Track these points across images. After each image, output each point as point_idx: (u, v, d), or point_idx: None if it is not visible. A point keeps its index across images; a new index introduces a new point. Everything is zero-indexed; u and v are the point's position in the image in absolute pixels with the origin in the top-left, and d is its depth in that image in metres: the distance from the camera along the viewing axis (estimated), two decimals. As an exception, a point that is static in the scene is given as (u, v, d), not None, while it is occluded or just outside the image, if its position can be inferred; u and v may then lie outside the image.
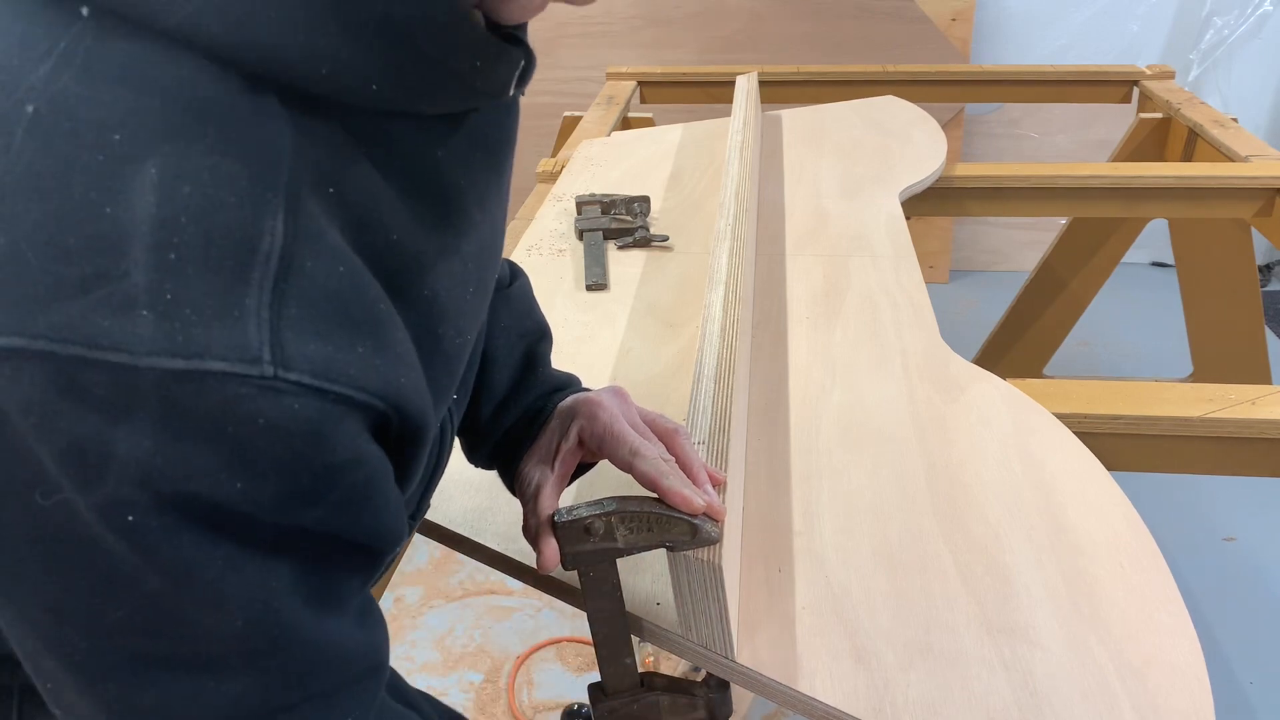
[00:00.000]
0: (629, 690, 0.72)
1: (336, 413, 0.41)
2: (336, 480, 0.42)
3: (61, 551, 0.39)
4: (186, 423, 0.37)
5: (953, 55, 3.03)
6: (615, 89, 2.22)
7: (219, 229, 0.37)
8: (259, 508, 0.40)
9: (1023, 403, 1.02)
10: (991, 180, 1.76)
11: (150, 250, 0.36)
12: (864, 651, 0.73)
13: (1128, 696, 0.70)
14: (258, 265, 0.38)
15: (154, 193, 0.37)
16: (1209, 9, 3.15)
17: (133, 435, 0.37)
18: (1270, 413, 1.02)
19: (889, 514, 0.87)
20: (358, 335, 0.42)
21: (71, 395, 0.36)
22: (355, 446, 0.43)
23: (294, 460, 0.40)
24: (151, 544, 0.39)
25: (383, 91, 0.42)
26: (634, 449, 0.67)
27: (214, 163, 0.38)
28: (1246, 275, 2.12)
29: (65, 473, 0.37)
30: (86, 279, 0.36)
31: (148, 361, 0.36)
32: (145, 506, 0.38)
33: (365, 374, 0.42)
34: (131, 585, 0.40)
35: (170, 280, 0.36)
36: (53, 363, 0.36)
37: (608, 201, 1.49)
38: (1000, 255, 3.49)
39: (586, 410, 0.70)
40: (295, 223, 0.40)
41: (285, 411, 0.39)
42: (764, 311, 1.22)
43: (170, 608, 0.41)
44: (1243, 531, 2.23)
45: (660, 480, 0.66)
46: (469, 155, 0.50)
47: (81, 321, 0.36)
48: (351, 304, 0.42)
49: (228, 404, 0.37)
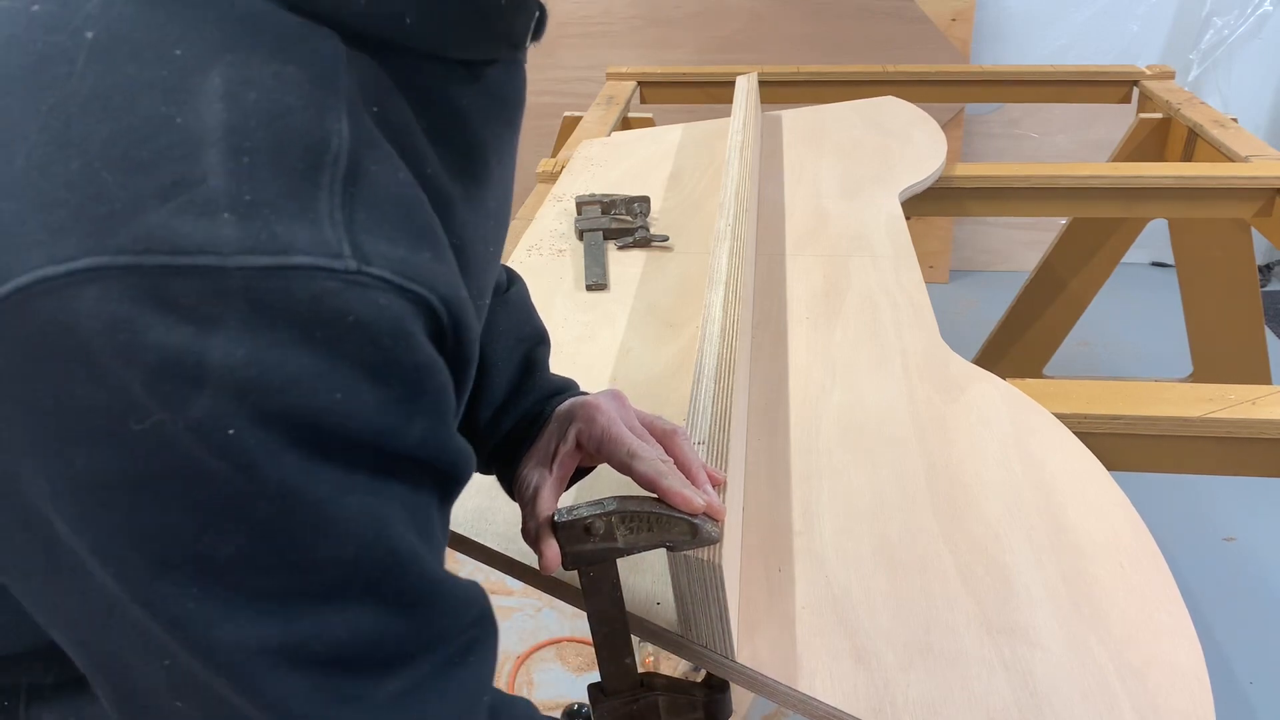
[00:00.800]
0: (629, 690, 0.72)
1: (415, 312, 0.41)
2: (425, 385, 0.42)
3: (162, 486, 0.38)
4: (278, 325, 0.37)
5: (953, 55, 3.03)
6: (615, 89, 2.22)
7: (288, 131, 0.38)
8: (361, 424, 0.40)
9: (1023, 403, 1.02)
10: (991, 180, 1.76)
11: (224, 155, 0.36)
12: (864, 651, 0.73)
13: (1128, 696, 0.70)
14: (327, 167, 0.38)
15: (221, 100, 0.37)
16: (1209, 9, 3.15)
17: (226, 344, 0.36)
18: (1270, 413, 1.02)
19: (889, 514, 0.87)
20: (422, 241, 0.42)
21: (161, 307, 0.35)
22: (431, 350, 0.42)
23: (385, 363, 0.39)
24: (255, 462, 0.37)
25: (415, 26, 0.43)
26: (632, 450, 0.67)
27: (276, 69, 0.39)
28: (1246, 275, 2.12)
29: (159, 391, 0.36)
30: (164, 189, 0.36)
31: (235, 261, 0.36)
32: (245, 420, 0.37)
33: (435, 277, 0.42)
34: (239, 513, 0.38)
35: (247, 183, 0.36)
36: (138, 275, 0.35)
37: (608, 201, 1.49)
38: (1000, 255, 3.49)
39: (584, 413, 0.70)
40: (357, 128, 0.40)
41: (372, 307, 0.38)
42: (764, 311, 1.22)
43: (281, 536, 0.40)
44: (1243, 531, 2.23)
45: (659, 480, 0.66)
46: (488, 108, 0.51)
47: (164, 230, 0.35)
48: (414, 210, 0.42)
49: (316, 300, 0.37)
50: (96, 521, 0.38)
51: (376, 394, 0.40)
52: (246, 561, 0.39)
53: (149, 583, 0.39)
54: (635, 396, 0.74)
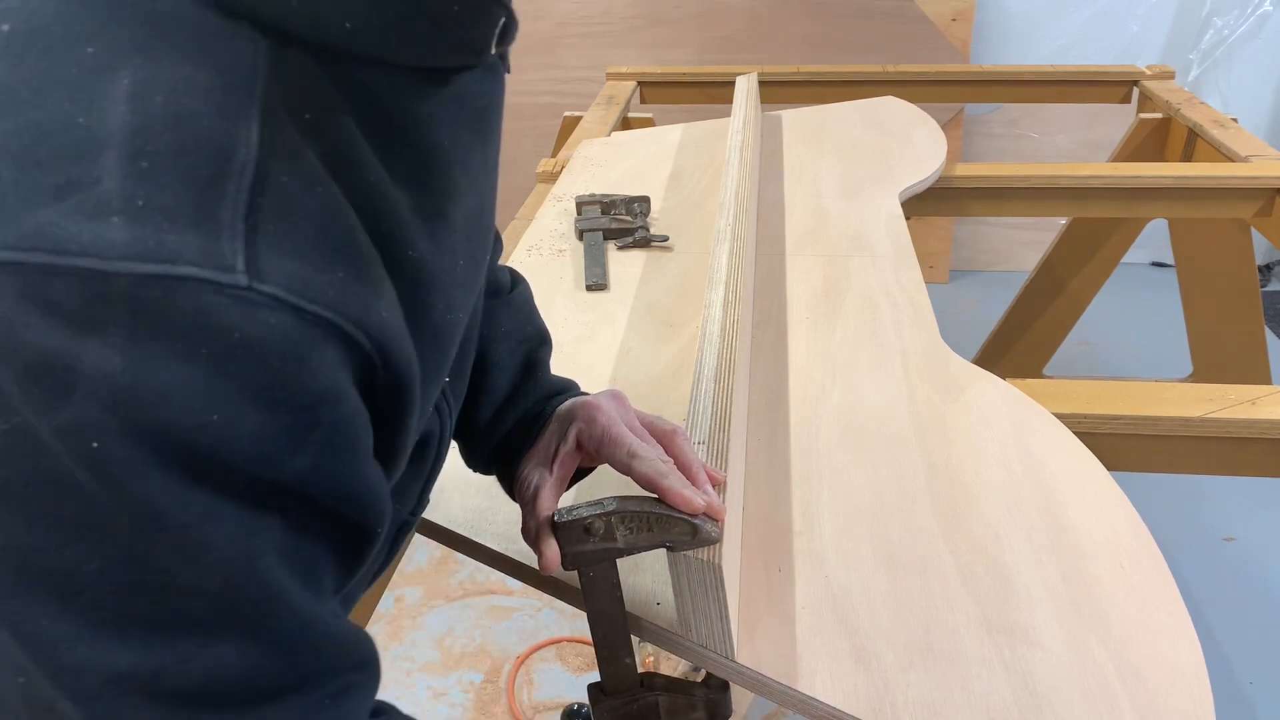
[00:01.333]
0: (629, 690, 0.72)
1: (314, 335, 0.39)
2: (318, 416, 0.40)
3: (22, 493, 0.36)
4: (157, 335, 0.35)
5: (953, 55, 3.03)
6: (615, 89, 2.22)
7: (192, 138, 0.37)
8: (237, 449, 0.38)
9: (1023, 403, 1.02)
10: (991, 180, 1.76)
11: (123, 159, 0.36)
12: (864, 651, 0.73)
13: (1128, 696, 0.70)
14: (232, 176, 0.37)
15: (127, 102, 0.36)
16: (1209, 9, 3.15)
17: (101, 350, 0.35)
18: (1270, 413, 1.02)
19: (889, 514, 0.87)
20: (336, 260, 0.40)
21: (38, 306, 0.34)
22: (335, 379, 0.40)
23: (271, 385, 0.38)
24: (119, 477, 0.36)
25: (357, 30, 0.42)
26: (632, 450, 0.67)
27: (187, 73, 0.38)
28: (1246, 275, 2.12)
29: (28, 392, 0.35)
30: (59, 187, 0.35)
31: (119, 266, 0.35)
32: (112, 432, 0.35)
33: (344, 299, 0.40)
34: (100, 530, 0.37)
35: (143, 187, 0.36)
36: (20, 273, 0.34)
37: (608, 201, 1.49)
38: (1000, 255, 3.49)
39: (584, 414, 0.70)
40: (271, 137, 0.39)
41: (261, 326, 0.37)
42: (764, 311, 1.22)
43: (143, 559, 0.38)
44: (1243, 531, 2.23)
45: (659, 480, 0.66)
46: (453, 117, 0.49)
47: (51, 228, 0.35)
48: (330, 227, 0.40)
49: (200, 314, 0.36)
50: None
51: (259, 419, 0.38)
52: (106, 582, 0.38)
53: (3, 596, 0.38)
54: (635, 396, 0.74)
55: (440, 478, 0.91)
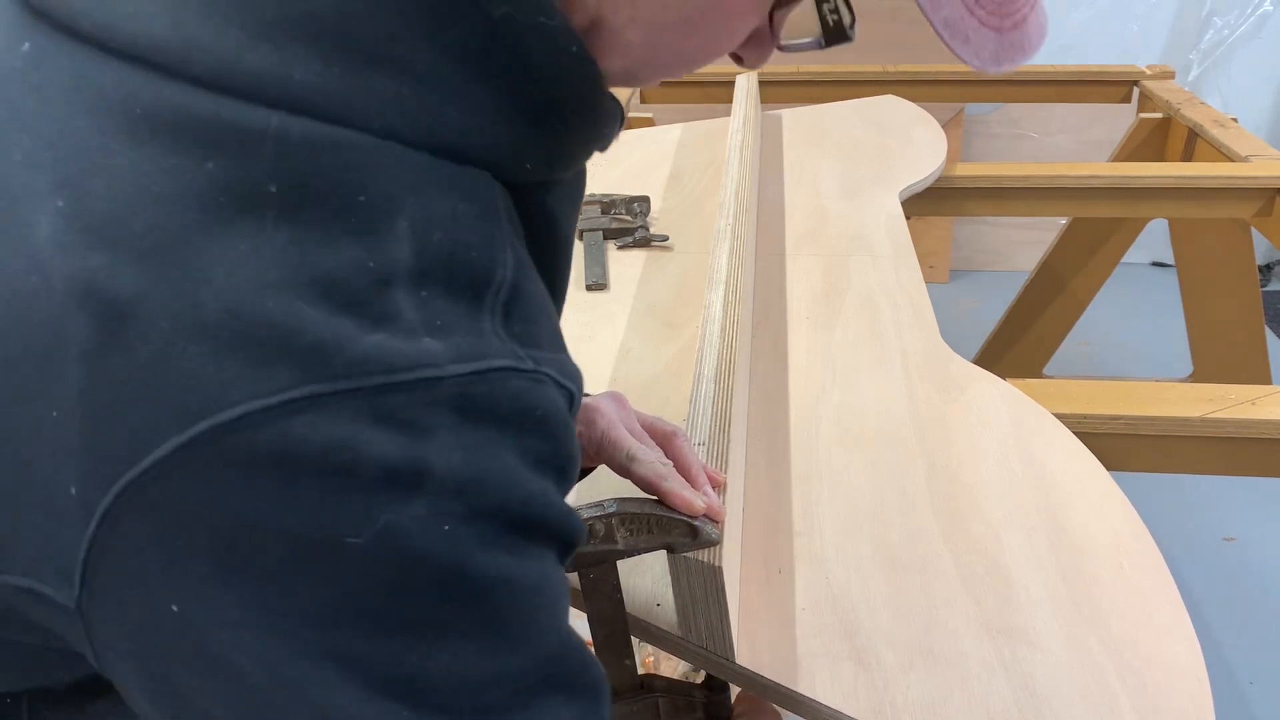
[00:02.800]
0: (629, 691, 0.72)
1: (566, 404, 0.44)
2: (573, 472, 0.45)
3: (378, 598, 0.38)
4: (481, 425, 0.39)
5: (953, 55, 3.03)
6: (615, 89, 2.21)
7: (464, 267, 0.41)
8: (552, 512, 0.42)
9: (1023, 403, 1.02)
10: (991, 180, 1.76)
11: (409, 293, 0.39)
12: (864, 652, 0.73)
13: (1128, 697, 0.70)
14: (490, 294, 0.42)
15: (409, 242, 0.40)
16: (1209, 9, 3.15)
17: (442, 449, 0.38)
18: (1270, 413, 1.02)
19: (889, 514, 0.87)
20: (559, 342, 0.47)
21: (380, 423, 0.37)
22: (574, 438, 0.46)
23: (556, 453, 0.42)
24: (471, 556, 0.39)
25: (534, 169, 0.46)
26: (631, 454, 0.67)
27: (453, 207, 0.41)
28: (1246, 275, 2.12)
29: (381, 499, 0.37)
30: (369, 322, 0.38)
31: (449, 369, 0.38)
32: (460, 518, 0.38)
33: (575, 373, 0.46)
34: (455, 614, 0.39)
35: (432, 313, 0.39)
36: (356, 397, 0.37)
37: (608, 201, 1.49)
38: (1000, 255, 3.49)
39: (584, 415, 0.70)
40: (516, 254, 0.44)
41: (551, 402, 0.42)
42: (764, 311, 1.22)
43: (494, 635, 0.40)
44: (1243, 531, 2.23)
45: (659, 483, 0.66)
46: (568, 205, 0.53)
47: (379, 353, 0.37)
48: (551, 317, 0.46)
49: (515, 398, 0.40)
50: (301, 650, 0.38)
51: (556, 484, 0.43)
52: (459, 674, 0.40)
53: (360, 706, 0.39)
54: (635, 396, 0.74)
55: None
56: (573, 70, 0.45)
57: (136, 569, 0.37)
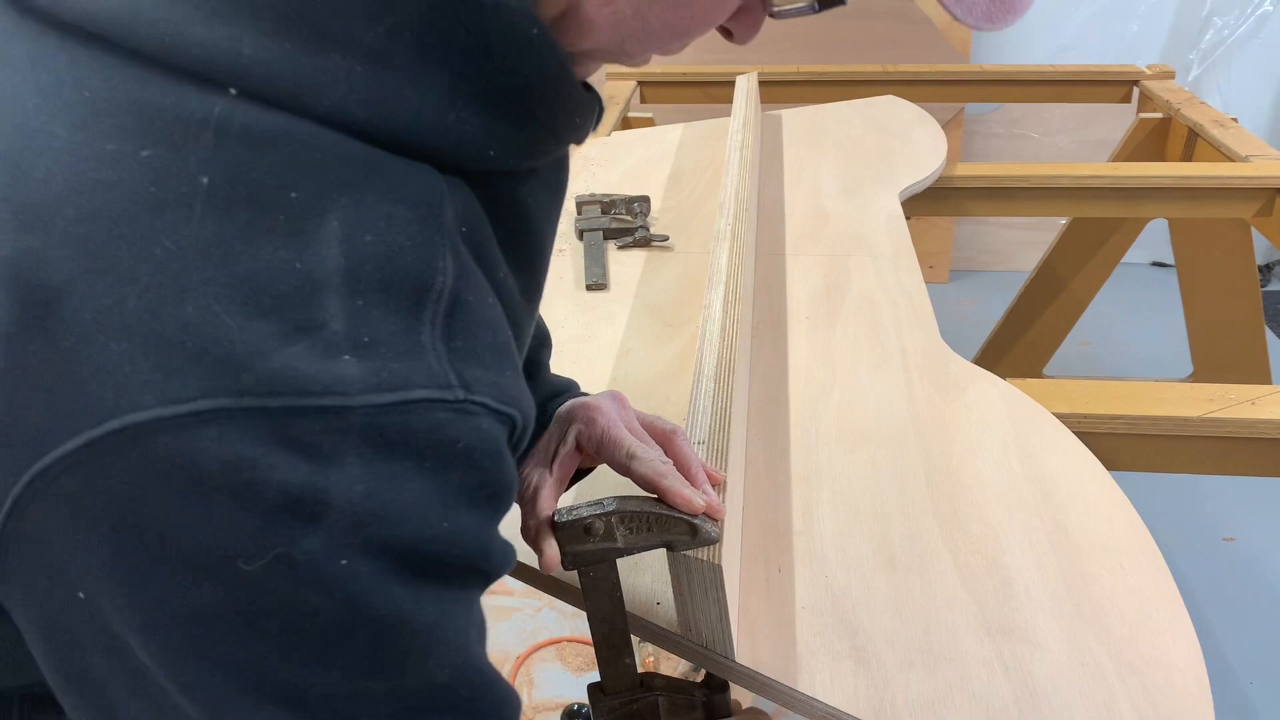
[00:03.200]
0: (629, 690, 0.72)
1: (505, 432, 0.43)
2: (506, 502, 0.43)
3: (266, 621, 0.38)
4: (394, 458, 0.38)
5: (953, 55, 3.03)
6: (615, 89, 2.22)
7: (398, 273, 0.39)
8: (462, 547, 0.41)
9: (1023, 403, 1.02)
10: (991, 180, 1.76)
11: (342, 299, 0.38)
12: (864, 651, 0.73)
13: (1128, 696, 0.70)
14: (430, 303, 0.40)
15: (339, 244, 0.38)
16: (1209, 9, 3.15)
17: (345, 479, 0.37)
18: (1270, 413, 1.02)
19: (889, 514, 0.87)
20: (506, 360, 0.44)
21: (283, 446, 0.36)
22: (512, 464, 0.44)
23: (482, 485, 0.41)
24: (363, 591, 0.38)
25: (498, 156, 0.45)
26: (631, 452, 0.67)
27: (388, 209, 0.40)
28: (1246, 275, 2.12)
29: (276, 528, 0.37)
30: (286, 333, 0.37)
31: (361, 399, 0.37)
32: (357, 551, 0.38)
33: (520, 396, 0.44)
34: (341, 644, 0.39)
35: (363, 325, 0.38)
36: (262, 417, 0.36)
37: (608, 201, 1.49)
38: (1000, 255, 3.49)
39: (584, 415, 0.70)
40: (458, 262, 0.42)
41: (477, 433, 0.40)
42: (764, 311, 1.22)
43: (382, 665, 0.40)
44: (1243, 531, 2.23)
45: (659, 481, 0.66)
46: (545, 196, 0.53)
47: (289, 373, 0.36)
48: (498, 330, 0.44)
49: (433, 431, 0.39)
50: (191, 657, 0.38)
51: (475, 518, 0.41)
52: (344, 694, 0.40)
53: (247, 713, 0.39)
54: (635, 396, 0.74)
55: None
56: (533, 53, 0.43)
57: (43, 555, 0.37)
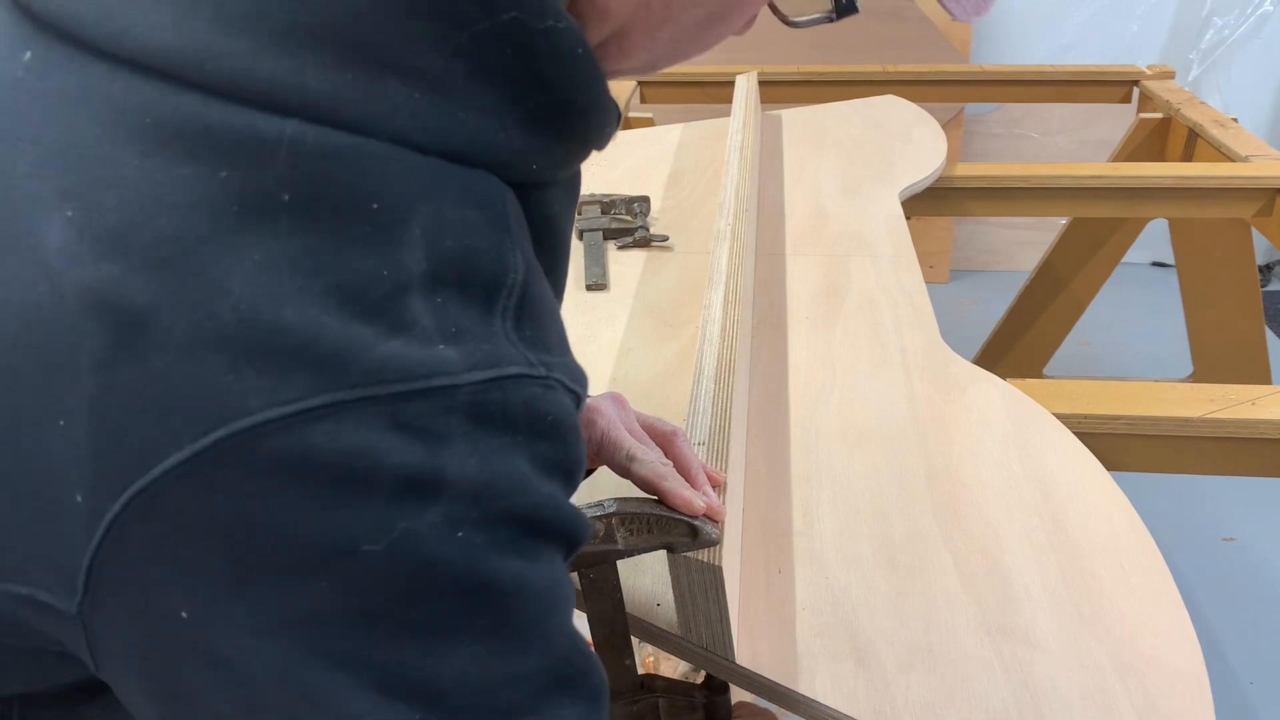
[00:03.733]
0: (629, 692, 0.72)
1: (575, 409, 0.45)
2: (578, 476, 0.45)
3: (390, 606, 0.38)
4: (497, 433, 0.39)
5: (953, 55, 3.03)
6: (615, 89, 2.20)
7: (475, 272, 0.41)
8: (560, 516, 0.42)
9: (1023, 403, 1.02)
10: (991, 180, 1.76)
11: (424, 299, 0.39)
12: (864, 652, 0.73)
13: (1127, 697, 0.70)
14: (501, 299, 0.42)
15: (423, 249, 0.40)
16: (1209, 9, 3.15)
17: (457, 456, 0.38)
18: (1270, 413, 1.02)
19: (889, 514, 0.87)
20: (565, 345, 0.47)
21: (397, 431, 0.37)
22: (584, 442, 0.46)
23: (566, 458, 0.43)
24: (485, 560, 0.39)
25: (540, 169, 0.47)
26: (631, 453, 0.68)
27: (463, 214, 0.42)
28: (1246, 275, 2.12)
29: (400, 507, 0.37)
30: (384, 332, 0.38)
31: (464, 377, 0.39)
32: (475, 524, 0.39)
33: (581, 377, 0.46)
34: (468, 616, 0.39)
35: (447, 319, 0.40)
36: (373, 406, 0.37)
37: (608, 201, 1.49)
38: (1000, 255, 3.49)
39: (584, 417, 0.70)
40: (525, 259, 0.44)
41: (562, 407, 0.42)
42: (764, 311, 1.22)
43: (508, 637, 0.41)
44: (1243, 531, 2.23)
45: (659, 482, 0.66)
46: (566, 201, 0.54)
47: (395, 362, 0.37)
48: (558, 322, 0.47)
49: (527, 404, 0.41)
50: (313, 658, 0.38)
51: (559, 489, 0.43)
52: (472, 678, 0.40)
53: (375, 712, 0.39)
54: (635, 396, 0.74)
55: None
56: (580, 73, 0.45)
57: (143, 576, 0.37)
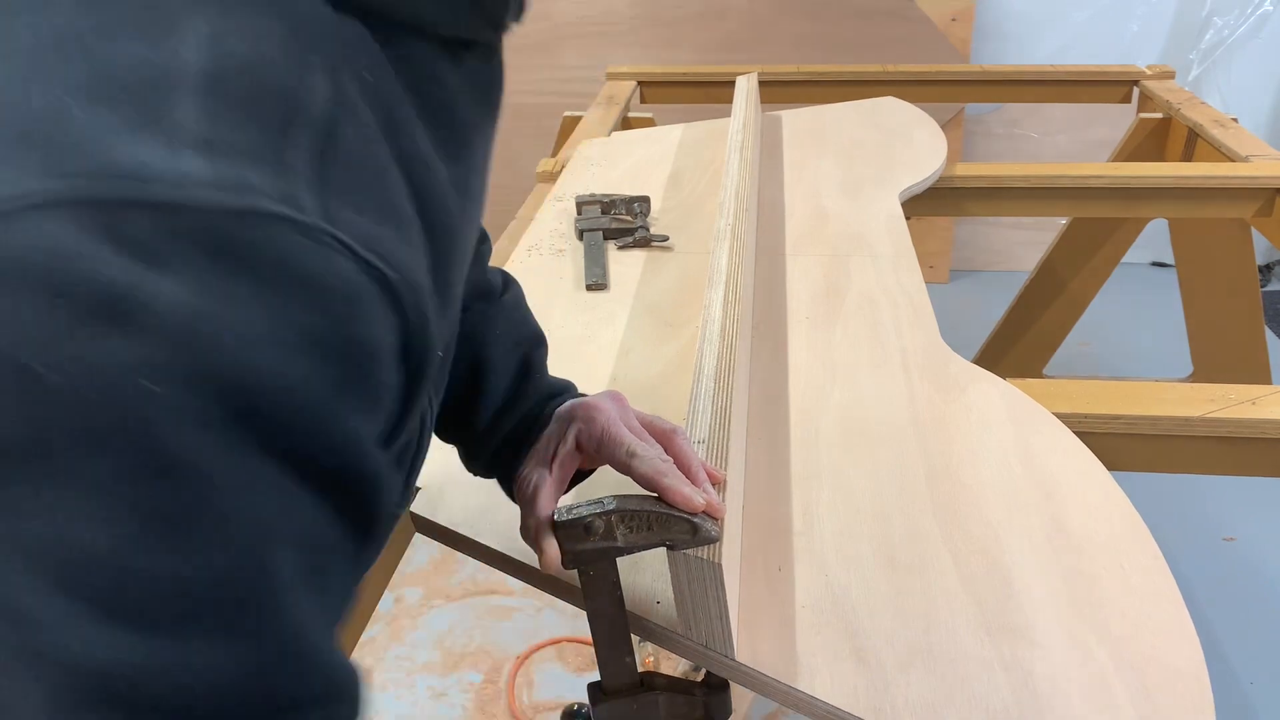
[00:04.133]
0: (628, 689, 0.72)
1: (373, 290, 0.37)
2: (369, 376, 0.38)
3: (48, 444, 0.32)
4: (230, 276, 0.34)
5: (953, 55, 3.03)
6: (615, 89, 2.22)
7: (266, 84, 0.36)
8: (296, 401, 0.35)
9: (1023, 402, 1.02)
10: (991, 180, 1.76)
11: (196, 98, 0.35)
12: (864, 651, 0.73)
13: (1128, 696, 0.70)
14: (301, 124, 0.37)
15: (202, 45, 0.36)
16: (1209, 9, 3.15)
17: (172, 287, 0.33)
18: (1270, 413, 1.02)
19: (889, 514, 0.87)
20: (386, 218, 0.39)
21: (111, 239, 0.32)
22: (384, 341, 0.38)
23: (333, 337, 0.36)
24: (162, 422, 0.33)
25: (404, 7, 0.42)
26: (631, 450, 0.67)
27: (261, 23, 0.38)
28: (1246, 275, 2.12)
29: (85, 327, 0.32)
30: (130, 122, 0.34)
31: (199, 197, 0.33)
32: (164, 373, 0.33)
33: (398, 256, 0.39)
34: (129, 492, 0.33)
35: (218, 126, 0.35)
36: (92, 207, 0.33)
37: (608, 201, 1.49)
38: (1000, 255, 3.49)
39: (584, 414, 0.70)
40: (337, 89, 0.39)
41: (331, 270, 0.36)
42: (764, 311, 1.22)
43: (170, 528, 0.34)
44: (1243, 531, 2.23)
45: (659, 479, 0.66)
46: (471, 93, 0.50)
47: (127, 159, 0.33)
48: (386, 186, 0.40)
49: (280, 254, 0.35)
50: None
51: (317, 372, 0.36)
52: (116, 560, 0.34)
53: None
54: (635, 396, 0.74)
55: (439, 477, 0.91)
56: None
57: None
